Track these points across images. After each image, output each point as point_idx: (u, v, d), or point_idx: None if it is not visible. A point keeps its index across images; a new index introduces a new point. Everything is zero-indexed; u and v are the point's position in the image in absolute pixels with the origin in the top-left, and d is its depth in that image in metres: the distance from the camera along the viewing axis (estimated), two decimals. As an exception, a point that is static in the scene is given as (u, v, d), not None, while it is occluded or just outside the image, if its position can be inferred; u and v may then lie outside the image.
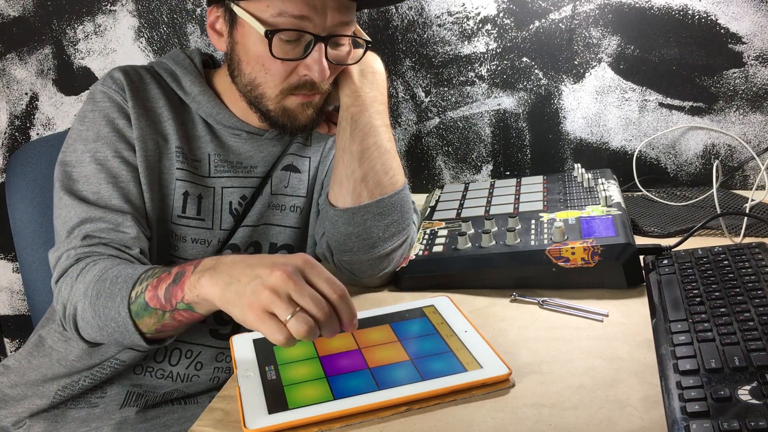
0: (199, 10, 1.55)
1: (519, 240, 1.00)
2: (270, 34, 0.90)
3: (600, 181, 1.19)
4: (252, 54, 0.94)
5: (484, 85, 1.46)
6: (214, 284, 0.74)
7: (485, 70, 1.45)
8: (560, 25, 1.39)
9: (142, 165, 0.96)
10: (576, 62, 1.41)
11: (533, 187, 1.23)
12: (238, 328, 1.04)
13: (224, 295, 0.73)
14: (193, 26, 1.56)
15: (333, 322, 0.70)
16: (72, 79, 1.64)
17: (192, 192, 0.99)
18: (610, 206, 1.06)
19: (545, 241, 0.98)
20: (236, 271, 0.73)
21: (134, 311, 0.82)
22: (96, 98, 0.99)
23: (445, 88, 1.48)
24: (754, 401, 0.59)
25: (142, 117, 0.98)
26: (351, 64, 0.99)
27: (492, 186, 1.28)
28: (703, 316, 0.75)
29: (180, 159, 0.99)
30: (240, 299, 0.70)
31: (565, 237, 0.97)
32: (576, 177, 1.23)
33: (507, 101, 1.46)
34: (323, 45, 0.92)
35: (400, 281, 1.02)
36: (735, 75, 1.34)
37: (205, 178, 1.01)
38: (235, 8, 0.93)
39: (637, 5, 1.35)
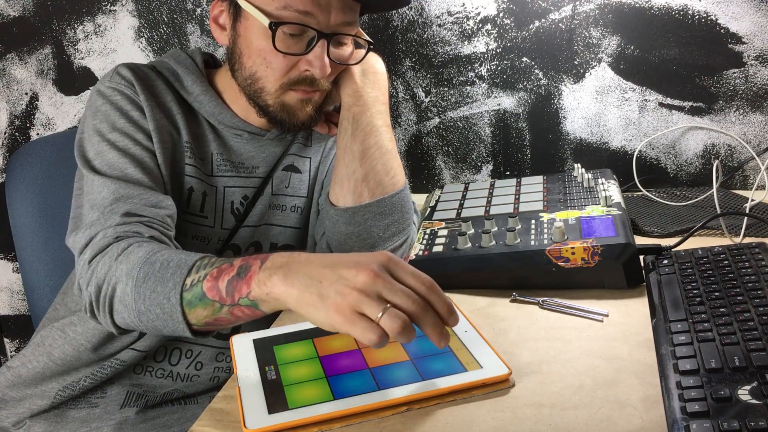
0: (199, 10, 1.55)
1: (519, 240, 1.00)
2: (274, 26, 0.90)
3: (600, 181, 1.19)
4: (254, 47, 0.94)
5: (484, 85, 1.46)
6: (290, 285, 0.70)
7: (485, 70, 1.45)
8: (560, 25, 1.39)
9: (161, 155, 0.95)
10: (576, 62, 1.41)
11: (533, 187, 1.23)
12: (239, 329, 1.04)
13: (303, 297, 0.68)
14: (193, 26, 1.56)
15: (429, 314, 0.67)
16: (72, 79, 1.64)
17: (197, 188, 0.99)
18: (610, 206, 1.06)
19: (545, 241, 0.98)
20: (314, 271, 0.69)
21: (187, 300, 0.77)
22: (105, 93, 0.97)
23: (445, 88, 1.48)
24: (754, 401, 0.59)
25: (156, 109, 0.97)
26: (352, 64, 0.99)
27: (492, 186, 1.28)
28: (703, 316, 0.75)
29: (188, 154, 0.99)
30: (323, 302, 0.67)
31: (565, 237, 0.97)
32: (576, 177, 1.23)
33: (507, 101, 1.46)
34: (326, 42, 0.92)
35: (400, 281, 1.02)
36: (735, 75, 1.34)
37: (208, 176, 1.01)
38: (240, 1, 0.93)
39: (637, 5, 1.35)
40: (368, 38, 0.99)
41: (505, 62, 1.44)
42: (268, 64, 0.94)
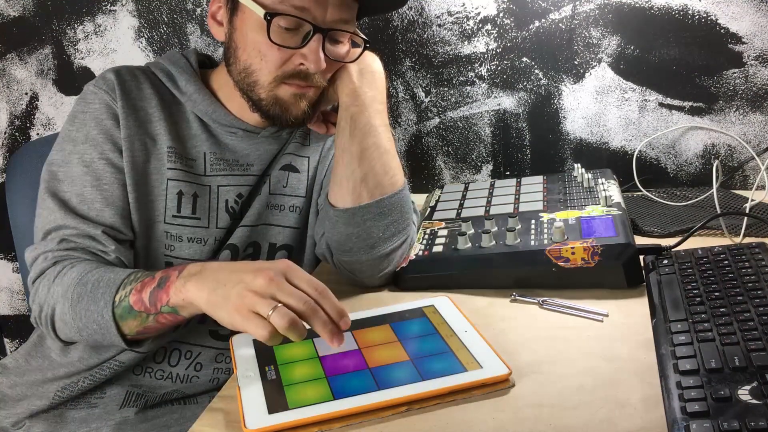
0: (199, 10, 1.55)
1: (519, 240, 1.00)
2: (269, 17, 0.90)
3: (600, 181, 1.20)
4: (250, 40, 0.94)
5: (484, 85, 1.46)
6: (200, 289, 0.78)
7: (485, 70, 1.45)
8: (560, 25, 1.39)
9: (128, 166, 0.97)
10: (576, 62, 1.41)
11: (533, 187, 1.23)
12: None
13: (210, 299, 0.77)
14: (193, 26, 1.56)
15: (318, 314, 0.74)
16: (72, 79, 1.64)
17: (186, 191, 0.99)
18: (610, 206, 1.06)
19: (545, 241, 0.98)
20: (221, 276, 0.78)
21: (118, 314, 0.86)
22: (87, 98, 1.00)
23: (445, 88, 1.48)
24: (754, 401, 0.59)
25: (131, 117, 0.98)
26: (348, 62, 0.99)
27: (492, 186, 1.28)
28: (703, 316, 0.75)
29: (172, 159, 0.99)
30: (226, 302, 0.75)
31: (565, 237, 0.97)
32: (576, 177, 1.23)
33: (507, 101, 1.46)
34: (321, 37, 0.92)
35: (400, 281, 1.02)
36: (735, 75, 1.34)
37: (200, 176, 1.01)
38: None
39: (637, 5, 1.35)
40: (364, 37, 0.99)
41: (505, 62, 1.44)
42: (263, 56, 0.94)
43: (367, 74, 1.01)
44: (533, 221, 1.05)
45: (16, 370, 1.04)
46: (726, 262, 0.87)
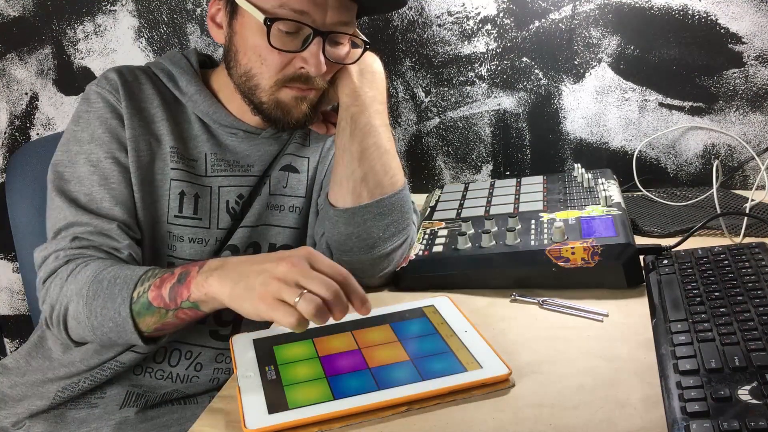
0: (199, 10, 1.55)
1: (519, 240, 1.00)
2: (269, 22, 0.90)
3: (600, 181, 1.20)
4: (250, 44, 0.94)
5: (484, 85, 1.46)
6: (223, 283, 0.77)
7: (485, 70, 1.45)
8: (560, 25, 1.39)
9: (134, 166, 0.97)
10: (576, 62, 1.41)
11: (533, 187, 1.23)
12: (238, 329, 1.04)
13: (234, 292, 0.76)
14: (193, 26, 1.56)
15: (341, 301, 0.73)
16: (72, 79, 1.64)
17: (188, 191, 1.00)
18: (610, 206, 1.06)
19: (545, 241, 0.98)
20: (244, 269, 0.76)
21: (136, 311, 0.85)
22: (90, 99, 1.00)
23: (445, 88, 1.48)
24: (754, 401, 0.59)
25: (135, 117, 0.98)
26: (348, 63, 0.99)
27: (492, 186, 1.28)
28: (703, 316, 0.75)
29: (175, 159, 0.99)
30: (250, 293, 0.74)
31: (565, 237, 0.97)
32: (576, 177, 1.23)
33: (507, 101, 1.46)
34: (321, 40, 0.92)
35: (400, 281, 1.02)
36: (735, 75, 1.34)
37: (201, 177, 1.01)
38: None
39: (637, 5, 1.35)
40: (365, 38, 0.99)
41: (505, 62, 1.44)
42: (263, 60, 0.94)
43: (368, 74, 1.01)
44: (533, 221, 1.05)
45: (17, 370, 1.04)
46: (726, 262, 0.87)
